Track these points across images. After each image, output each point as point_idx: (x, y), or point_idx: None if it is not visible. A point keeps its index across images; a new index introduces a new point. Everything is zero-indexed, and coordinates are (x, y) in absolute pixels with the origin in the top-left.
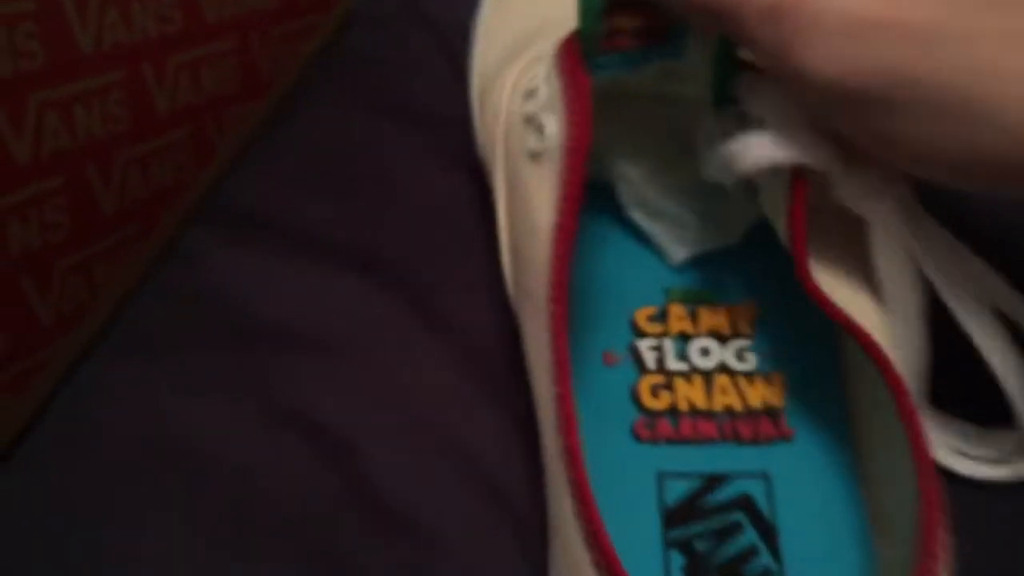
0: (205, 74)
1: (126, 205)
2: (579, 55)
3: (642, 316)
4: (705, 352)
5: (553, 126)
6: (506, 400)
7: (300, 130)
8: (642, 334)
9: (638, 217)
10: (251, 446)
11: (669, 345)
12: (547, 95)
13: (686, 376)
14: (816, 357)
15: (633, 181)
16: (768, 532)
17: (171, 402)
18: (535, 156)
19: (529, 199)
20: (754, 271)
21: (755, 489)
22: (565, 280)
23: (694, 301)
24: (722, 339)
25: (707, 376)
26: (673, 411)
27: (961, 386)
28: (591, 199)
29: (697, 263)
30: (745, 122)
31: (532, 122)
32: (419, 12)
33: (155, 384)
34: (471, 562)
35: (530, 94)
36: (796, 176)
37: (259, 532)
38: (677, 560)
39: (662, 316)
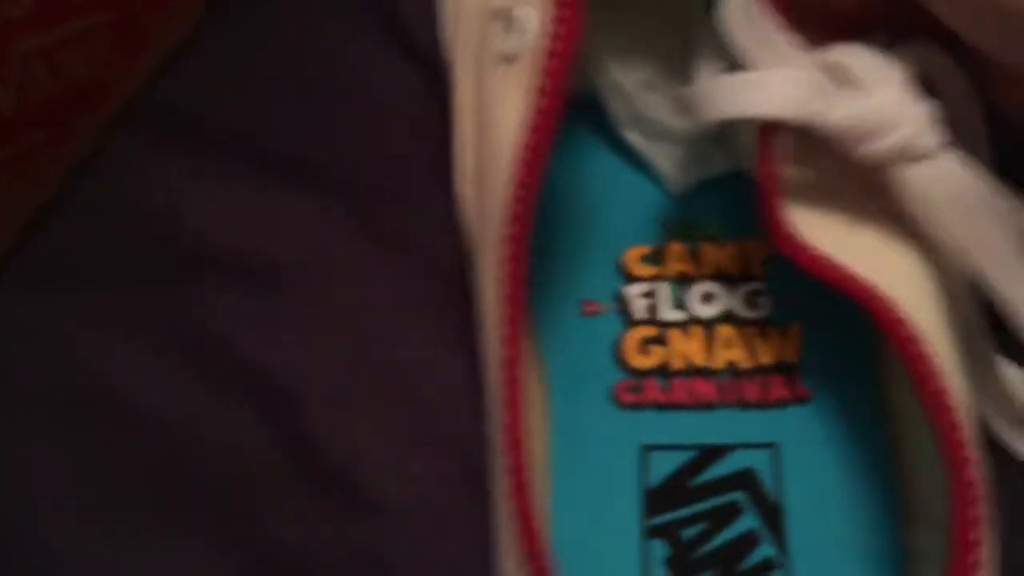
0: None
1: (30, 106)
2: None
3: (633, 256)
4: (708, 298)
5: (533, 20)
6: (470, 339)
7: (247, 20)
8: (632, 278)
9: (633, 137)
10: (177, 394)
11: (665, 290)
12: None
13: (683, 327)
14: (841, 305)
15: (627, 92)
16: (772, 515)
17: (87, 340)
18: (508, 58)
19: (494, 112)
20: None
21: (759, 462)
22: (527, 215)
23: (697, 236)
24: (730, 281)
25: (709, 326)
26: (664, 370)
27: None
28: (573, 117)
29: (702, 191)
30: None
31: (501, 17)
32: None
33: (69, 320)
34: (426, 537)
35: None
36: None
37: (181, 495)
38: (659, 551)
39: (657, 256)
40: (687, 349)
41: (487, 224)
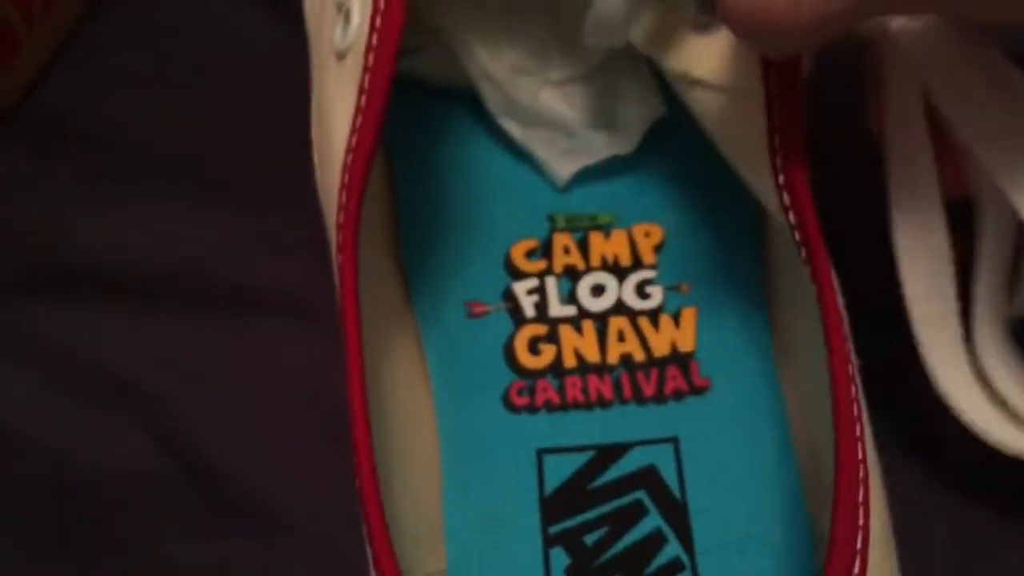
0: None
1: None
2: None
3: (519, 252)
4: (599, 290)
5: (356, 15)
6: None
7: (124, 16)
8: (519, 274)
9: (509, 127)
10: (58, 416)
11: (553, 286)
12: None
13: (574, 323)
14: (736, 286)
15: (499, 80)
16: (676, 513)
17: None
18: (340, 54)
19: (328, 107)
20: (656, 184)
21: (661, 459)
22: (353, 224)
23: (584, 227)
24: (619, 273)
25: (601, 320)
26: (557, 369)
27: None
28: (449, 108)
29: (585, 179)
30: None
31: (341, 9)
32: None
33: None
34: (324, 552)
35: None
36: None
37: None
38: (561, 559)
39: (544, 249)
40: (579, 345)
41: (327, 231)
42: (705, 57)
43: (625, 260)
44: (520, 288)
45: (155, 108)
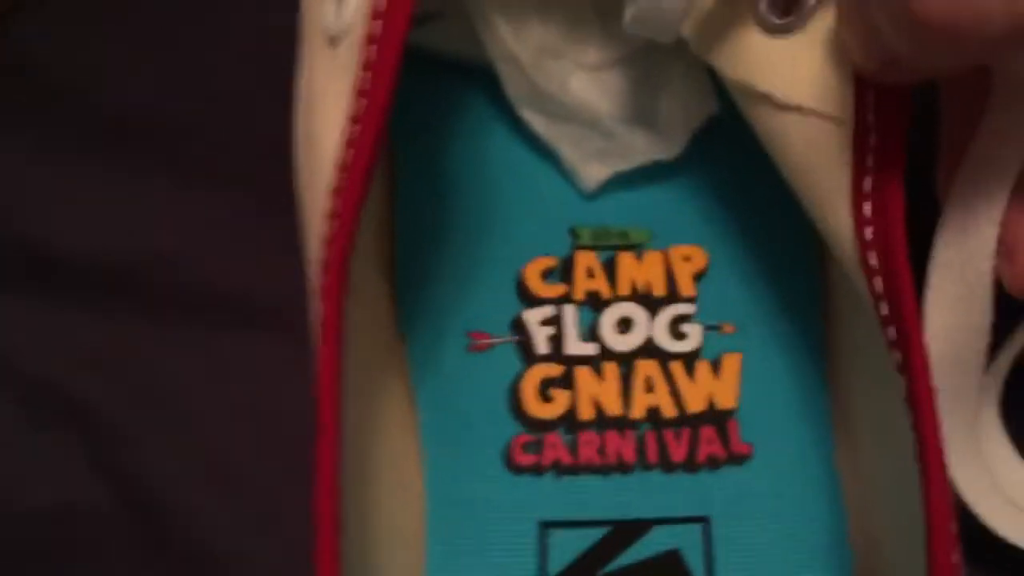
0: None
1: None
2: None
3: (534, 271)
4: (625, 325)
5: None
6: None
7: None
8: (533, 300)
9: (532, 119)
10: None
11: (572, 316)
12: None
13: (594, 364)
14: (791, 332)
15: (524, 63)
16: None
17: None
18: (332, 40)
19: (317, 99)
20: (702, 197)
21: (687, 542)
22: (344, 250)
23: (612, 245)
24: (651, 304)
25: (626, 363)
26: (570, 421)
27: None
28: (462, 89)
29: (616, 185)
30: None
31: None
32: None
33: None
34: None
35: None
36: None
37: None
38: None
39: (564, 270)
40: (599, 393)
41: (307, 252)
42: (776, 68)
43: (659, 289)
44: (532, 317)
45: (130, 62)
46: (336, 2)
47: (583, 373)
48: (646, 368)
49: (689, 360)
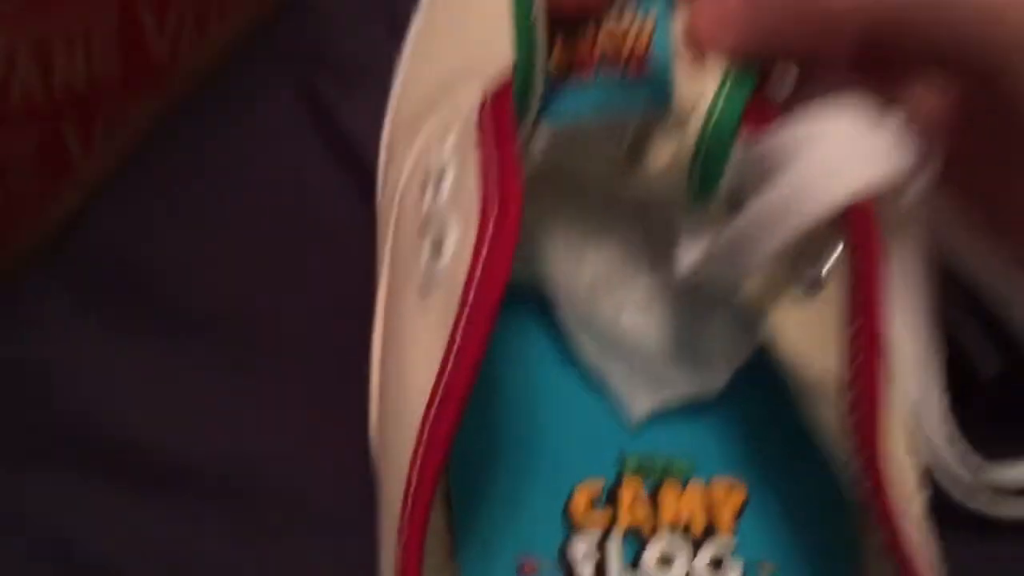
0: (61, 51)
1: None
2: (509, 110)
3: (583, 497)
4: (666, 562)
5: (454, 237)
6: None
7: (199, 142)
8: (579, 528)
9: (584, 347)
10: None
11: (616, 548)
12: (452, 185)
13: None
14: (829, 572)
15: (578, 295)
16: None
17: None
18: (425, 291)
19: (404, 346)
20: (743, 430)
21: None
22: (428, 493)
23: (657, 474)
24: (693, 539)
25: None
26: None
27: None
28: (509, 312)
29: (663, 416)
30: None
31: (429, 229)
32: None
33: None
34: None
35: (431, 179)
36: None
37: None
38: None
39: (610, 496)
40: None
41: (388, 496)
42: (798, 329)
43: (699, 524)
44: (578, 548)
45: (205, 256)
46: (430, 253)
47: None
48: None
49: None
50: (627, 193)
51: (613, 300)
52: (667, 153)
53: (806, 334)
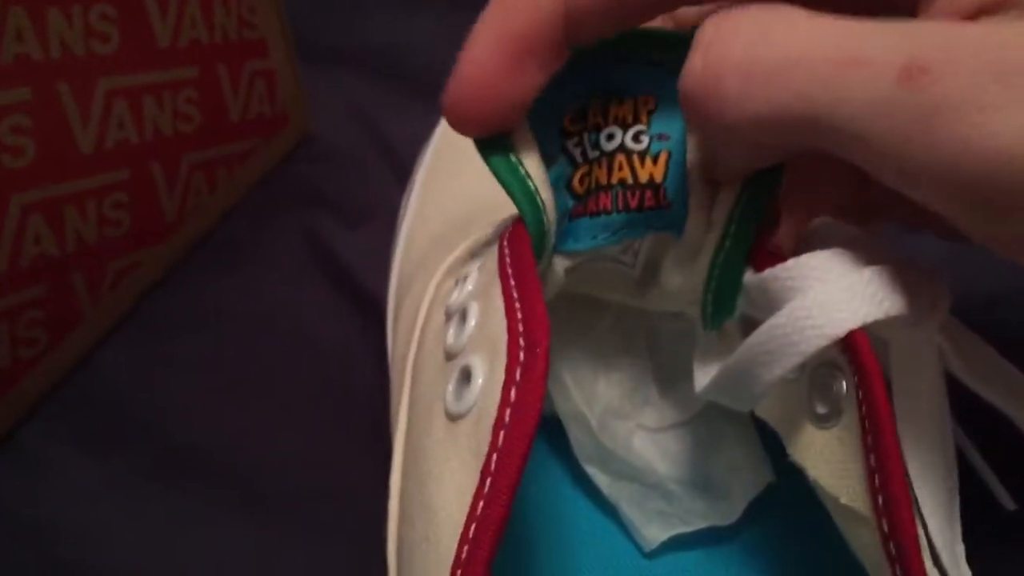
0: (72, 216)
1: None
2: (528, 250)
3: None
4: None
5: (481, 376)
6: None
7: (204, 291)
8: None
9: (596, 475)
10: None
11: None
12: (478, 322)
13: None
14: None
15: (590, 422)
16: None
17: None
18: (453, 418)
19: (430, 485)
20: (756, 562)
21: None
22: None
23: None
24: None
25: None
26: None
27: None
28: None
29: (675, 547)
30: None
31: (455, 364)
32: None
33: None
34: None
35: (454, 314)
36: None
37: None
38: None
39: None
40: None
41: None
42: (820, 459)
43: None
44: None
45: (207, 403)
46: (458, 382)
47: None
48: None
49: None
50: (637, 320)
51: (624, 427)
52: (680, 277)
53: (832, 461)
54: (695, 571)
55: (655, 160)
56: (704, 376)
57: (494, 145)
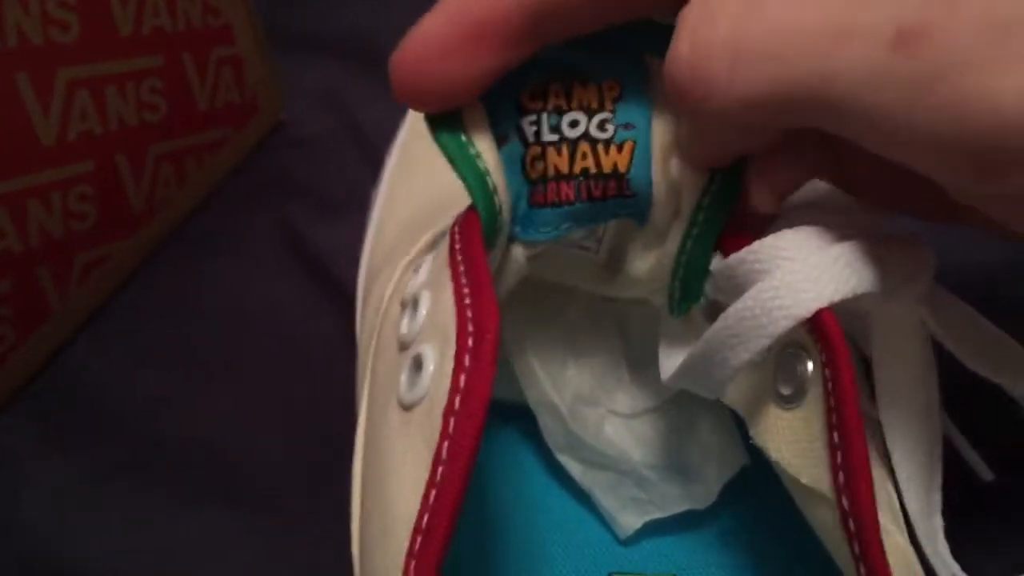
0: (36, 209)
1: None
2: (477, 238)
3: None
4: None
5: (432, 361)
6: None
7: (177, 284)
8: None
9: (569, 464)
10: None
11: None
12: (429, 310)
13: None
14: None
15: (560, 409)
16: None
17: None
18: (407, 408)
19: (390, 478)
20: (731, 545)
21: None
22: None
23: None
24: None
25: None
26: None
27: None
28: (498, 427)
29: (651, 532)
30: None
31: (407, 353)
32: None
33: None
34: None
35: (408, 304)
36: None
37: None
38: None
39: None
40: None
41: None
42: (783, 440)
43: None
44: None
45: (181, 394)
46: (410, 371)
47: None
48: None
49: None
50: (608, 305)
51: (595, 413)
52: (646, 263)
53: (795, 442)
54: (671, 556)
55: (620, 149)
56: (670, 363)
57: (444, 122)
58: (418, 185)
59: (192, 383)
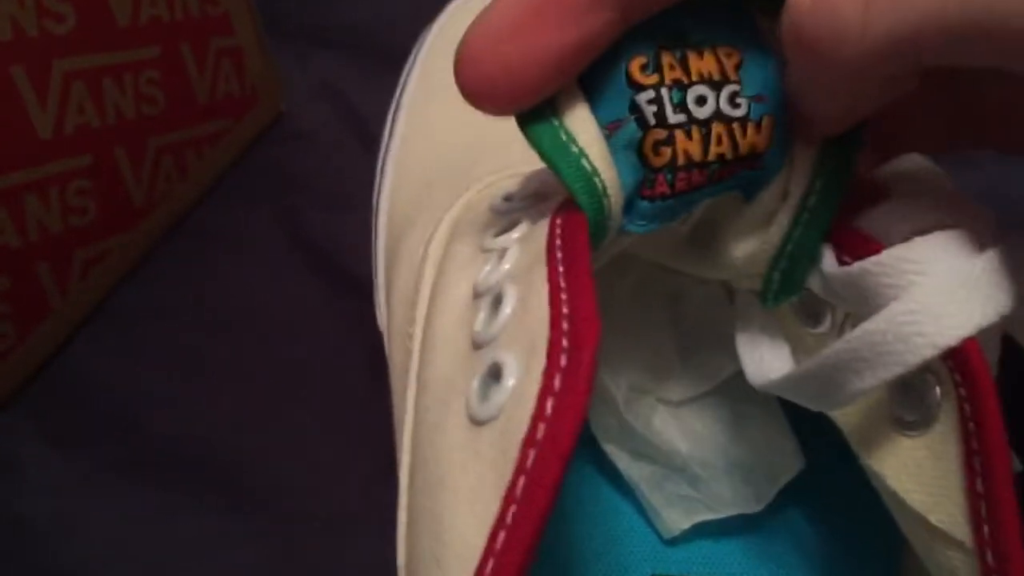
0: (34, 204)
1: None
2: (583, 240)
3: None
4: None
5: (513, 375)
6: None
7: (178, 280)
8: None
9: (615, 455)
10: None
11: None
12: (513, 311)
13: None
14: None
15: (615, 400)
16: None
17: None
18: (476, 422)
19: (443, 495)
20: (780, 552)
21: None
22: None
23: None
24: None
25: None
26: None
27: None
28: None
29: (697, 533)
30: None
31: (482, 352)
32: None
33: None
34: None
35: (484, 298)
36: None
37: None
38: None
39: None
40: None
41: None
42: (904, 469)
43: None
44: None
45: (184, 393)
46: (484, 379)
47: None
48: None
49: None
50: (660, 281)
51: (646, 403)
52: (747, 247)
53: (919, 475)
54: (717, 557)
55: (758, 128)
56: (752, 359)
57: (536, 115)
58: (447, 117)
59: (192, 381)
